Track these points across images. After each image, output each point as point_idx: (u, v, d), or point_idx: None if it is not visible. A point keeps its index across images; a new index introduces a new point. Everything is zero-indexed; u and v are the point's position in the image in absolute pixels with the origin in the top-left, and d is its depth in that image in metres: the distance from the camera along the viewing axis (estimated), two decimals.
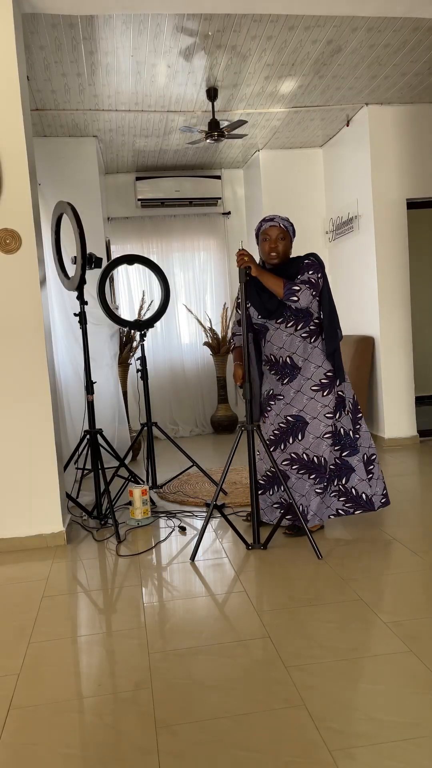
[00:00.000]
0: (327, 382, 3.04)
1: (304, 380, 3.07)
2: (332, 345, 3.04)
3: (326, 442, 3.04)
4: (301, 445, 3.07)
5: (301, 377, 3.07)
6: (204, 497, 4.00)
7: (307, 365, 3.06)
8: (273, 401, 3.16)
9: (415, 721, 1.63)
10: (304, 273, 3.00)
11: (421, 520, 3.29)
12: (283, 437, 3.12)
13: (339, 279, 6.04)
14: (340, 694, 1.77)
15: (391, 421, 5.21)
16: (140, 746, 1.60)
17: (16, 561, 3.10)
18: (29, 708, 1.82)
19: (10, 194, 3.17)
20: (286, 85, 4.56)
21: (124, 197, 6.50)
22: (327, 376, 3.04)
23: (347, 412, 3.11)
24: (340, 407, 3.08)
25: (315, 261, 3.03)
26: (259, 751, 1.56)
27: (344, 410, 3.09)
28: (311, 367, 3.05)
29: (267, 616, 2.29)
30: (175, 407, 6.65)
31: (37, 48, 3.75)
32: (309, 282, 2.96)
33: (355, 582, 2.54)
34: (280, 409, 3.13)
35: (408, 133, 5.13)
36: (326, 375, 3.04)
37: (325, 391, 3.04)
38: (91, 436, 3.59)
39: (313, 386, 3.05)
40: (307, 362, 3.06)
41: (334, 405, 3.04)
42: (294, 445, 3.09)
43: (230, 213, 6.75)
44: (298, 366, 3.07)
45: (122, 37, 3.69)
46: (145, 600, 2.52)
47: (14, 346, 3.22)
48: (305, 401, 3.06)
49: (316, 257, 3.05)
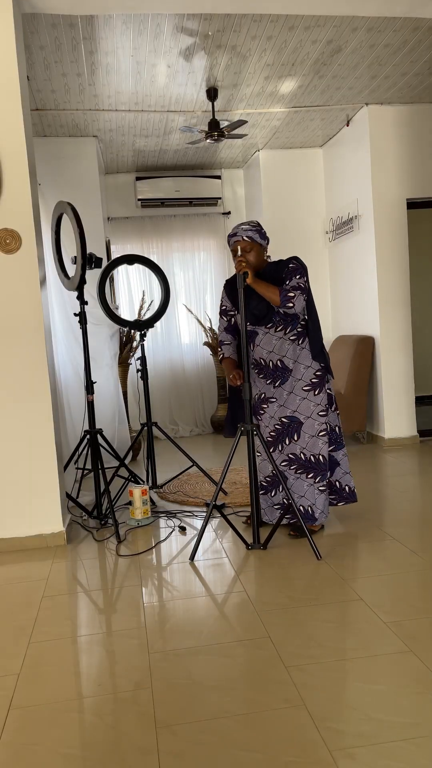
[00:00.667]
0: (317, 381, 3.08)
1: (295, 381, 3.10)
2: (317, 345, 3.08)
3: (322, 440, 3.07)
4: (297, 445, 3.10)
5: (292, 378, 3.10)
6: (204, 497, 4.00)
7: (297, 366, 3.10)
8: (266, 404, 3.18)
9: (415, 721, 1.63)
10: (291, 278, 3.00)
11: (421, 520, 3.29)
12: (280, 438, 3.15)
13: (339, 279, 6.04)
14: (340, 694, 1.77)
15: (391, 421, 5.21)
16: (140, 746, 1.60)
17: (16, 561, 3.10)
18: (29, 708, 1.82)
19: (10, 194, 3.17)
20: (286, 85, 4.56)
21: (124, 197, 6.50)
22: (317, 376, 3.08)
23: (333, 409, 3.16)
24: (330, 405, 3.12)
25: (299, 265, 3.04)
26: (259, 751, 1.56)
27: (331, 407, 3.14)
28: (301, 368, 3.09)
29: (267, 616, 2.29)
30: (175, 407, 6.65)
31: (37, 48, 3.75)
32: (299, 288, 2.99)
33: (355, 582, 2.54)
34: (274, 411, 3.16)
35: (408, 133, 5.13)
36: (316, 374, 3.08)
37: (316, 390, 3.07)
38: (91, 436, 3.59)
39: (304, 386, 3.08)
40: (296, 363, 3.10)
41: (326, 403, 3.09)
42: (291, 445, 3.12)
43: (230, 213, 6.75)
44: (289, 368, 3.10)
45: (122, 37, 3.69)
46: (145, 600, 2.52)
47: (14, 346, 3.22)
48: (298, 401, 3.09)
49: (299, 261, 3.06)
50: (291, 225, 6.27)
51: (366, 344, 5.27)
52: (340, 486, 3.23)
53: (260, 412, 3.21)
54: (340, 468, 3.22)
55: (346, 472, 3.23)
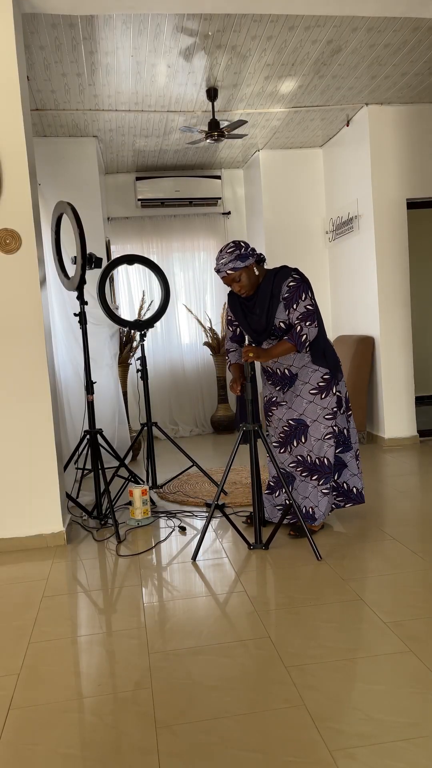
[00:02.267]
0: (324, 384, 3.05)
1: (302, 384, 3.08)
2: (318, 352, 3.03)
3: (327, 443, 3.05)
4: (305, 447, 3.10)
5: (299, 382, 3.09)
6: (204, 497, 4.00)
7: (305, 370, 3.08)
8: (275, 407, 3.19)
9: (415, 721, 1.63)
10: (298, 303, 2.90)
11: (421, 520, 3.29)
12: (288, 440, 3.15)
13: (339, 279, 6.04)
14: (340, 694, 1.77)
15: (391, 421, 5.21)
16: (140, 746, 1.60)
17: (16, 561, 3.10)
18: (29, 708, 1.82)
19: (10, 194, 3.17)
20: (286, 85, 4.56)
21: (124, 197, 6.50)
22: (324, 379, 3.05)
23: (342, 412, 3.14)
24: (338, 408, 3.10)
25: (300, 281, 2.93)
26: (259, 751, 1.56)
27: (340, 410, 3.12)
28: (309, 371, 3.07)
29: (267, 616, 2.29)
30: (175, 407, 6.65)
31: (37, 48, 3.75)
32: (307, 314, 2.90)
33: (355, 582, 2.54)
34: (282, 414, 3.16)
35: (408, 133, 5.13)
36: (323, 378, 3.05)
37: (323, 393, 3.04)
38: (91, 436, 3.59)
39: (311, 390, 3.06)
40: (304, 368, 3.08)
41: (333, 406, 3.05)
42: (299, 447, 3.12)
43: (230, 213, 6.75)
44: (296, 375, 3.10)
45: (122, 37, 3.69)
46: (145, 600, 2.52)
47: (14, 346, 3.22)
48: (305, 405, 3.07)
49: (300, 276, 2.94)
50: (291, 225, 6.26)
51: (366, 344, 5.27)
52: (347, 487, 3.23)
53: (269, 414, 3.22)
54: (348, 470, 3.21)
55: (354, 474, 3.21)
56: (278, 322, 2.99)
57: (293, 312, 2.92)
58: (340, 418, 3.12)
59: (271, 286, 2.96)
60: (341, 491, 3.23)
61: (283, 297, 2.94)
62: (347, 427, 3.18)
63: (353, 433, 3.22)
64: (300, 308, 2.91)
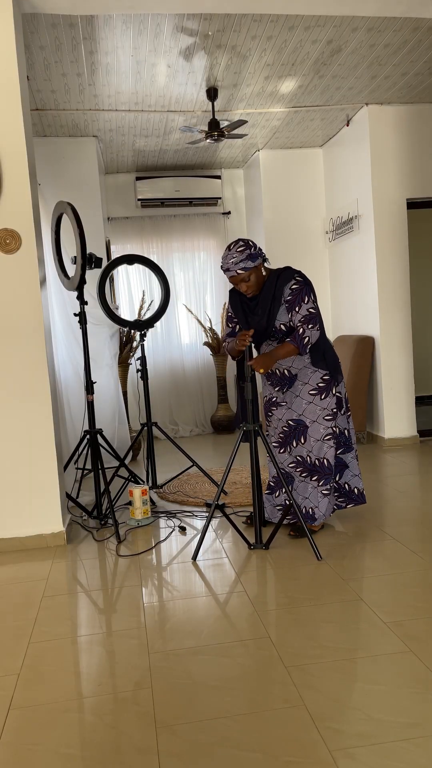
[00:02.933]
0: (324, 385, 3.04)
1: (301, 385, 3.08)
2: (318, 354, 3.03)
3: (327, 444, 3.05)
4: (304, 448, 3.09)
5: (298, 382, 3.09)
6: (204, 497, 4.00)
7: (304, 371, 3.08)
8: (275, 407, 3.19)
9: (415, 721, 1.63)
10: (300, 305, 2.91)
11: (421, 520, 3.29)
12: (288, 441, 3.15)
13: (339, 279, 6.04)
14: (340, 694, 1.77)
15: (391, 421, 5.21)
16: (140, 746, 1.60)
17: (16, 561, 3.10)
18: (29, 708, 1.82)
19: (10, 194, 3.17)
20: (286, 85, 4.56)
21: (124, 197, 6.50)
22: (324, 380, 3.05)
23: (343, 412, 3.13)
24: (338, 409, 3.10)
25: (303, 284, 2.92)
26: (259, 751, 1.55)
27: (341, 411, 3.12)
28: (308, 372, 3.07)
29: (267, 616, 2.29)
30: (175, 407, 6.65)
31: (37, 48, 3.75)
32: (309, 317, 2.90)
33: (355, 582, 2.54)
34: (282, 414, 3.16)
35: (408, 133, 5.13)
36: (323, 379, 3.05)
37: (322, 394, 3.04)
38: (91, 436, 3.59)
39: (311, 390, 3.05)
40: (303, 369, 3.08)
41: (333, 407, 3.05)
42: (298, 448, 3.12)
43: (230, 213, 6.75)
44: (295, 375, 3.10)
45: (122, 37, 3.69)
46: (145, 600, 2.52)
47: (14, 346, 3.22)
48: (304, 405, 3.07)
49: (303, 279, 2.94)
50: (291, 225, 6.26)
51: (366, 344, 5.27)
52: (348, 488, 3.23)
53: (269, 414, 3.22)
54: (349, 470, 3.22)
55: (355, 475, 3.22)
56: (279, 324, 2.99)
57: (295, 315, 2.92)
58: (340, 419, 3.12)
59: (273, 288, 2.96)
60: (343, 492, 3.24)
61: (286, 300, 2.94)
62: (348, 428, 3.18)
63: (352, 433, 3.23)
64: (302, 311, 2.91)
